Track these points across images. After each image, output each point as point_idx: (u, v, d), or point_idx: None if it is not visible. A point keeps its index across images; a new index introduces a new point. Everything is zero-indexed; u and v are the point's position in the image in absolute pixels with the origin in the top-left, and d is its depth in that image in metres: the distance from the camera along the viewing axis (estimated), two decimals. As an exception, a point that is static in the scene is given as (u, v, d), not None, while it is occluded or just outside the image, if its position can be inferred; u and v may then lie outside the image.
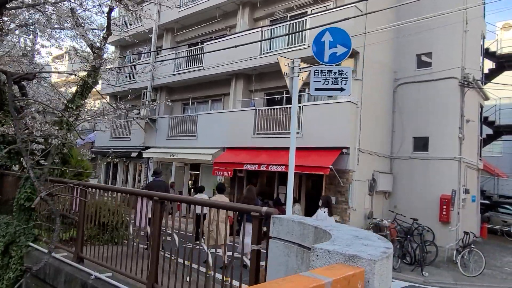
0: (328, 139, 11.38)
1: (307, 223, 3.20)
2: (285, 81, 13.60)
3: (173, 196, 5.04)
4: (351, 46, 4.37)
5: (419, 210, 12.76)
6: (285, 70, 4.54)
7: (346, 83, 4.02)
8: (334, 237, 2.51)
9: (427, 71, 13.35)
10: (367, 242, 2.32)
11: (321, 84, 4.15)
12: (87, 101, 12.86)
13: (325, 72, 4.13)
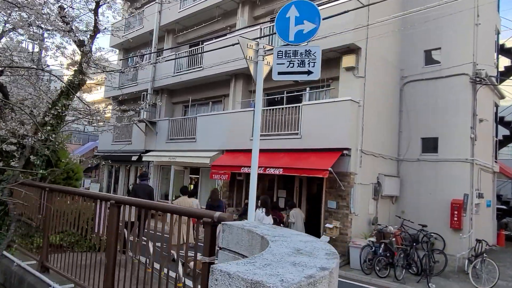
0: (328, 140, 10.72)
1: (255, 231, 2.62)
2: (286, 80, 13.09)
3: (131, 199, 4.49)
4: (320, 22, 3.76)
5: (429, 216, 11.93)
6: (248, 54, 3.96)
7: (314, 65, 3.44)
8: (265, 251, 1.93)
9: (436, 68, 12.56)
10: (302, 260, 1.73)
11: (285, 67, 3.57)
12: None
13: (290, 53, 3.54)
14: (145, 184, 9.31)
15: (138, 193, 8.68)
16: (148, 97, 17.44)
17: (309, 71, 3.43)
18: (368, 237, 10.41)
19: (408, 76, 13.11)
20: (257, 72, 3.84)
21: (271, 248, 2.00)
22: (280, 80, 3.96)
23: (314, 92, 12.64)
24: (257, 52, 3.79)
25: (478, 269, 9.15)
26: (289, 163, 11.16)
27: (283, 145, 11.82)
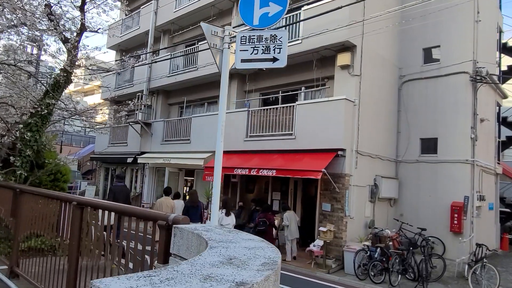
0: (323, 140, 10.38)
1: (202, 235, 2.31)
2: (281, 78, 12.71)
3: (94, 201, 4.19)
4: (287, 3, 3.43)
5: (428, 219, 11.53)
6: (212, 41, 3.65)
7: (280, 51, 3.13)
8: (187, 261, 1.62)
9: (435, 66, 12.19)
10: (222, 273, 1.41)
11: (249, 54, 3.25)
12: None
13: (254, 39, 3.23)
14: (123, 185, 9.37)
15: (117, 194, 8.72)
16: (143, 98, 17.20)
17: (275, 58, 3.12)
18: (363, 241, 10.04)
19: (407, 75, 12.74)
20: (222, 62, 3.53)
21: (201, 256, 1.68)
22: (243, 68, 3.66)
23: (309, 92, 12.31)
24: (223, 39, 3.49)
25: (478, 274, 8.74)
26: (283, 164, 10.83)
27: (277, 146, 11.50)
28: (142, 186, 17.22)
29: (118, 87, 19.63)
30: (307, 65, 11.91)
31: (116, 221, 3.74)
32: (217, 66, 3.72)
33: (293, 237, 10.54)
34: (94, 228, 3.93)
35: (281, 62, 3.17)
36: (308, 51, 11.23)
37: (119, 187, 9.13)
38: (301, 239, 11.59)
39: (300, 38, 11.27)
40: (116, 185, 9.41)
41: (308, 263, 10.02)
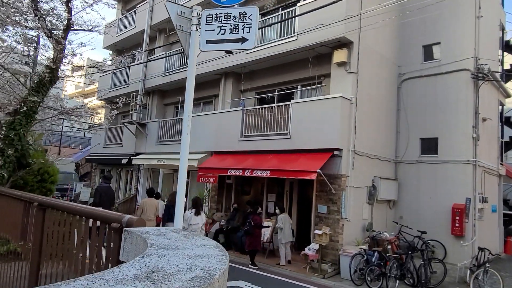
0: (318, 140, 10.02)
1: (148, 240, 1.97)
2: (277, 77, 12.34)
3: (54, 202, 3.85)
4: None
5: (428, 221, 11.13)
6: (178, 23, 3.31)
7: (250, 30, 2.78)
8: (92, 276, 1.27)
9: (435, 64, 11.82)
10: None
11: (215, 34, 2.90)
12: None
13: (221, 17, 2.88)
14: (108, 186, 9.28)
15: (102, 195, 8.76)
16: (138, 97, 16.91)
17: (244, 38, 2.77)
18: (360, 244, 9.65)
19: (406, 73, 12.37)
20: (189, 46, 3.18)
21: (118, 268, 1.34)
22: (209, 50, 3.32)
23: (306, 90, 11.96)
24: (190, 21, 3.14)
25: (480, 280, 8.33)
26: (277, 165, 10.47)
27: (272, 146, 11.15)
28: (137, 187, 16.88)
29: (114, 87, 19.37)
30: (303, 63, 11.57)
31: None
32: (184, 50, 3.37)
33: (287, 240, 10.18)
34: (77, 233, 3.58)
35: (250, 43, 2.83)
36: (304, 48, 10.89)
37: (105, 187, 9.08)
38: (297, 243, 11.22)
39: (295, 34, 10.94)
40: (102, 186, 9.34)
41: (303, 268, 9.64)
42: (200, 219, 7.93)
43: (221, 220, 12.29)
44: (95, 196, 9.15)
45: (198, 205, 8.03)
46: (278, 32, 11.75)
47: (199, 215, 7.95)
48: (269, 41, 11.80)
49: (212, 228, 12.22)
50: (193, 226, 7.68)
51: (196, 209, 8.02)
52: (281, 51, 11.31)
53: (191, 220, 7.78)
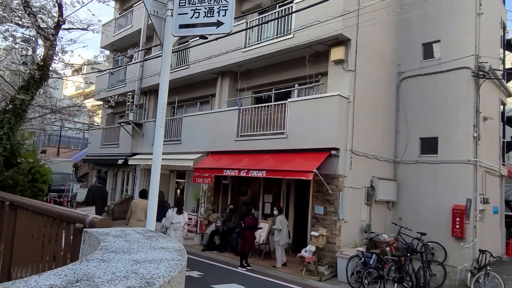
0: (315, 139, 9.80)
1: (101, 243, 1.75)
2: (274, 76, 12.12)
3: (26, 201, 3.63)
4: None
5: (428, 223, 10.89)
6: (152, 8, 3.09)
7: (225, 13, 2.56)
8: None
9: (435, 62, 11.59)
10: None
11: (188, 18, 2.69)
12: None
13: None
14: (101, 186, 9.17)
15: (95, 194, 8.68)
16: (135, 97, 16.72)
17: (219, 21, 2.55)
18: (358, 246, 9.41)
19: (405, 72, 12.15)
20: (164, 33, 2.96)
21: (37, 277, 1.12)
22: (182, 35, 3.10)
23: (303, 89, 11.74)
24: (166, 6, 2.92)
25: (481, 283, 8.09)
26: (273, 165, 10.26)
27: (268, 146, 10.93)
28: (134, 188, 16.68)
29: (111, 87, 19.19)
30: (301, 61, 11.36)
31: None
32: (159, 38, 3.16)
33: (284, 242, 9.96)
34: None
35: (226, 27, 2.62)
36: (301, 46, 10.67)
37: (98, 187, 9.05)
38: (293, 244, 11.00)
39: (292, 32, 10.73)
40: (95, 185, 9.24)
41: (299, 270, 9.40)
42: (182, 218, 8.24)
43: (217, 221, 12.07)
44: (88, 195, 9.00)
45: (180, 205, 8.40)
46: (275, 30, 11.54)
47: (181, 214, 8.28)
48: (266, 39, 11.60)
49: (208, 229, 12.00)
50: (175, 225, 7.98)
51: (179, 208, 8.36)
52: (277, 49, 11.10)
53: (173, 218, 8.14)
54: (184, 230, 8.40)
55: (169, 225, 8.10)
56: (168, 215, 8.30)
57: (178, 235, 8.12)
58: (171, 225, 8.05)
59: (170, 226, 8.07)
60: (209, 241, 11.60)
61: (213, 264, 9.86)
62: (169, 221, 8.09)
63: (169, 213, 8.32)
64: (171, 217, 8.20)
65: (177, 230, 8.13)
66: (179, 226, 8.06)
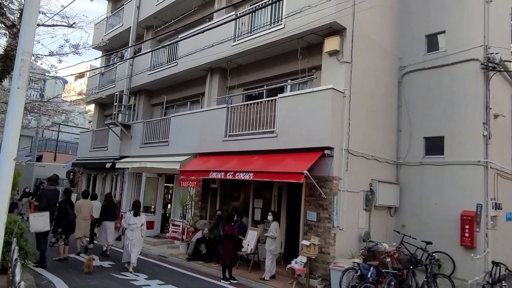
0: (307, 138, 8.87)
1: None
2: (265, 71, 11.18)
3: None
4: None
5: (434, 230, 9.87)
6: None
7: None
8: None
9: (440, 55, 10.63)
10: None
11: None
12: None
13: None
14: (54, 188, 8.73)
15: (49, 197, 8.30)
16: (124, 97, 15.93)
17: None
18: (356, 257, 8.41)
19: (408, 66, 11.19)
20: None
21: None
22: None
23: (296, 85, 10.83)
24: None
25: (495, 300, 7.05)
26: (262, 166, 9.33)
27: (257, 146, 10.03)
28: (122, 193, 15.83)
29: (101, 88, 18.48)
30: (293, 55, 10.48)
31: None
32: None
33: (277, 251, 9.03)
34: None
35: None
36: (292, 37, 9.79)
37: (51, 190, 8.18)
38: (285, 254, 10.02)
39: (282, 21, 9.86)
40: (48, 188, 8.39)
41: (289, 284, 8.42)
42: (139, 220, 8.81)
43: (204, 229, 11.13)
44: (40, 200, 8.18)
45: (137, 207, 8.93)
46: (266, 20, 10.68)
47: (138, 216, 8.85)
48: (256, 30, 10.76)
49: (194, 237, 11.07)
50: (132, 226, 8.67)
51: (135, 210, 8.87)
52: (268, 40, 10.24)
53: (130, 220, 8.74)
54: (143, 231, 8.90)
55: (126, 226, 8.77)
56: (126, 217, 8.95)
57: (136, 235, 8.70)
58: (128, 226, 8.71)
59: (127, 227, 8.73)
60: (195, 250, 10.67)
61: (196, 276, 8.92)
62: (127, 223, 8.73)
63: (127, 215, 8.91)
64: (128, 219, 8.78)
65: (134, 231, 8.68)
66: (135, 227, 8.70)
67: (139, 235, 8.72)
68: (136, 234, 8.63)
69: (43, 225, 7.80)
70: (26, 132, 32.47)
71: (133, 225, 8.66)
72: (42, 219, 7.75)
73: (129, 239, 8.56)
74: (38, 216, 7.84)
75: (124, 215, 9.39)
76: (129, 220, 8.71)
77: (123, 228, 9.11)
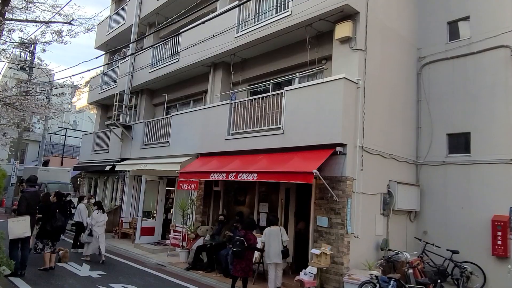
0: (317, 134, 7.94)
1: None
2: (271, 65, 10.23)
3: None
4: None
5: (461, 238, 8.82)
6: None
7: None
8: None
9: (464, 42, 9.62)
10: None
11: None
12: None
13: None
14: (31, 191, 7.80)
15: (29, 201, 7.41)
16: (125, 97, 15.25)
17: None
18: (373, 268, 7.41)
19: (427, 56, 10.20)
20: None
21: None
22: None
23: (304, 77, 9.92)
24: None
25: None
26: (267, 166, 8.42)
27: (262, 145, 9.14)
28: (122, 197, 15.08)
29: (103, 89, 17.90)
30: (300, 45, 9.62)
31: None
32: None
33: (271, 260, 7.96)
34: None
35: None
36: (300, 25, 8.93)
37: (31, 193, 7.39)
38: (294, 264, 9.06)
39: (289, 8, 9.01)
40: (27, 190, 7.58)
41: (297, 298, 7.46)
42: (104, 217, 10.19)
43: (206, 235, 10.25)
44: (20, 204, 7.38)
45: (101, 205, 10.45)
46: (271, 6, 9.86)
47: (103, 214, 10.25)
48: (260, 16, 9.93)
49: (194, 244, 10.19)
50: (99, 223, 9.92)
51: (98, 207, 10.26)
52: (273, 29, 9.40)
53: (98, 218, 9.97)
54: (104, 226, 10.12)
55: (94, 223, 9.80)
56: (94, 215, 9.99)
57: (102, 230, 9.96)
58: (96, 223, 9.79)
59: (95, 224, 9.76)
60: (195, 259, 9.78)
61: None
62: (95, 220, 9.81)
63: (95, 213, 9.99)
64: (96, 217, 9.90)
65: (101, 227, 9.92)
66: (102, 223, 9.98)
67: (103, 230, 10.06)
68: (102, 229, 9.97)
69: (23, 230, 7.04)
70: (33, 136, 32.43)
71: (100, 222, 9.93)
72: (22, 224, 6.99)
73: (98, 234, 9.76)
74: (17, 221, 7.08)
75: (92, 214, 10.27)
76: (97, 218, 9.94)
77: (91, 225, 10.01)
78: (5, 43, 7.92)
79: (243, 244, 7.34)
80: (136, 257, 10.89)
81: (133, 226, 13.76)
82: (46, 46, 7.18)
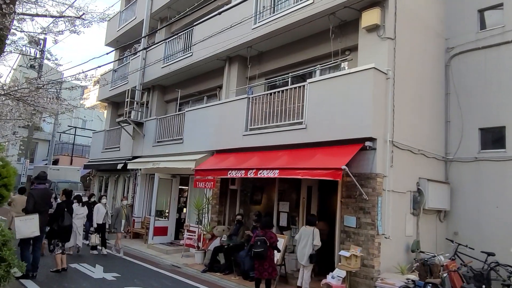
0: (343, 128, 7.45)
1: None
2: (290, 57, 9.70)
3: None
4: None
5: (496, 239, 8.26)
6: None
7: None
8: None
9: (496, 31, 9.05)
10: None
11: None
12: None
13: None
14: (41, 189, 7.41)
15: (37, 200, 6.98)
16: (136, 93, 14.87)
17: None
18: (405, 271, 6.90)
19: (456, 47, 9.64)
20: None
21: None
22: None
23: (326, 69, 9.43)
24: None
25: None
26: (289, 162, 7.95)
27: (283, 140, 8.66)
28: (134, 196, 14.71)
29: (114, 86, 17.56)
30: (323, 36, 9.15)
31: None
32: None
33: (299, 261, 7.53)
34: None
35: None
36: (323, 13, 8.45)
37: (40, 190, 6.97)
38: (317, 266, 8.57)
39: (311, -4, 8.52)
40: (36, 188, 7.20)
41: (324, 302, 6.97)
42: (84, 210, 10.14)
43: (223, 236, 9.81)
44: (28, 201, 6.99)
45: (78, 198, 10.11)
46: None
47: (83, 206, 10.14)
48: (279, 4, 9.47)
49: (211, 245, 9.76)
50: (79, 215, 9.78)
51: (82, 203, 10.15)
52: (294, 19, 8.92)
53: (77, 211, 9.67)
54: (84, 218, 10.20)
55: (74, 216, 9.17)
56: (75, 207, 9.38)
57: (81, 223, 10.02)
58: (75, 215, 9.33)
59: (74, 216, 9.18)
60: (212, 260, 9.34)
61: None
62: (74, 213, 9.18)
63: (75, 206, 9.43)
64: (76, 210, 9.46)
65: (80, 220, 9.91)
66: (82, 216, 9.96)
67: (82, 223, 10.13)
68: (81, 222, 10.03)
69: (31, 229, 6.66)
70: (43, 136, 32.35)
71: (80, 214, 9.86)
72: (30, 223, 6.61)
73: (76, 226, 9.57)
74: (25, 219, 6.70)
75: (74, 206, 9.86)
76: (77, 211, 9.63)
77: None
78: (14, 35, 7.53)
79: (265, 243, 6.89)
80: (150, 258, 10.50)
81: (145, 225, 13.38)
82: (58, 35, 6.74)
